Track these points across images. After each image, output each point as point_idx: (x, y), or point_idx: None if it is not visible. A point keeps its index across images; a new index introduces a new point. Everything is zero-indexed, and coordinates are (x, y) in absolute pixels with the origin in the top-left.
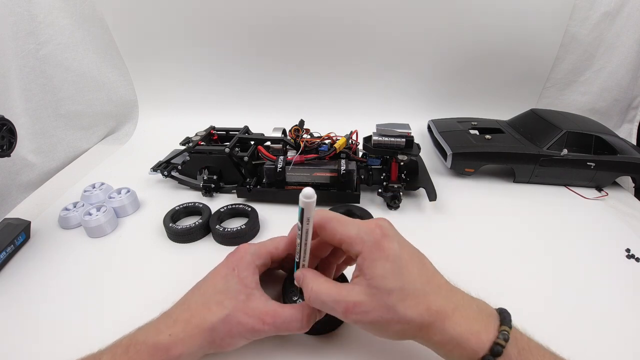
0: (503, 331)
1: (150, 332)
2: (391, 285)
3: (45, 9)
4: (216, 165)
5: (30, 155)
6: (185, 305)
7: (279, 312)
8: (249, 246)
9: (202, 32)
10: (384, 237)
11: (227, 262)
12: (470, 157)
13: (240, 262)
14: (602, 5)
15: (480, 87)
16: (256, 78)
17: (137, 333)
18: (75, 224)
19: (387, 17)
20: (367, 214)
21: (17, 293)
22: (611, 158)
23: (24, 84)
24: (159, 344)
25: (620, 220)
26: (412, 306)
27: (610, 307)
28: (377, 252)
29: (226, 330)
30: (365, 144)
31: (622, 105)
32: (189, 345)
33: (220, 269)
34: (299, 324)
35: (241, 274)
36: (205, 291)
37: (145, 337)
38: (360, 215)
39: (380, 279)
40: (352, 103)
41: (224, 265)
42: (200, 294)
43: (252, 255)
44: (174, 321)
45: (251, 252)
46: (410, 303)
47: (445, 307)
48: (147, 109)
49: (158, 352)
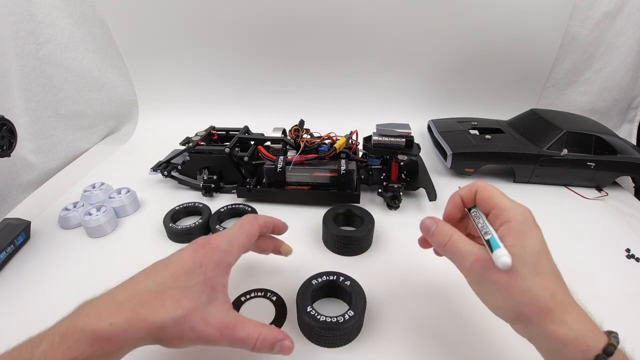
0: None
1: (90, 317)
2: (529, 258)
3: (45, 9)
4: (216, 165)
5: (30, 155)
6: (135, 290)
7: (238, 327)
8: (220, 240)
9: (202, 32)
10: (534, 222)
11: (194, 253)
12: (470, 157)
13: (210, 259)
14: (602, 5)
15: (480, 87)
16: (256, 78)
17: (76, 317)
18: (75, 224)
19: (387, 17)
20: (367, 214)
21: (17, 293)
22: (611, 158)
23: (24, 84)
24: (99, 333)
25: (620, 220)
26: (541, 284)
27: (611, 307)
28: (525, 226)
29: (176, 333)
30: (365, 144)
31: (622, 105)
32: (132, 337)
33: (185, 258)
34: (252, 345)
35: (208, 273)
36: (162, 279)
37: (84, 323)
38: (360, 215)
39: (522, 249)
40: (352, 103)
41: (189, 256)
42: (155, 281)
43: (224, 253)
44: (118, 306)
45: (223, 249)
46: (539, 281)
47: (568, 302)
48: (147, 109)
49: (97, 342)
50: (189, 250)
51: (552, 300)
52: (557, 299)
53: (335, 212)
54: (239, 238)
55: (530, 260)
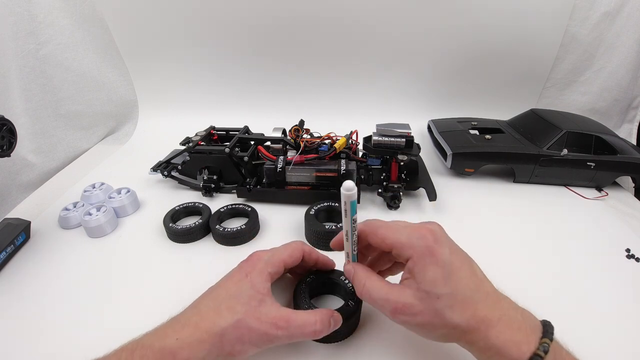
0: (544, 343)
1: (157, 336)
2: (440, 290)
3: (45, 9)
4: (216, 165)
5: (30, 155)
6: (196, 310)
7: (292, 317)
8: (263, 253)
9: (202, 32)
10: (436, 242)
11: (240, 268)
12: (470, 157)
13: (254, 268)
14: (602, 5)
15: (480, 87)
16: (256, 78)
17: (143, 337)
18: (75, 224)
19: (387, 17)
20: None
21: (17, 293)
22: (611, 158)
23: (24, 84)
24: (165, 348)
25: (620, 220)
26: (459, 312)
27: (610, 307)
28: (428, 258)
29: (237, 336)
30: (365, 144)
31: (622, 105)
32: (197, 350)
33: (233, 274)
34: (312, 328)
35: (254, 280)
36: (216, 296)
37: (151, 341)
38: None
39: (430, 284)
40: (352, 103)
41: (237, 271)
42: (211, 299)
43: (265, 263)
44: (182, 325)
45: (265, 260)
46: (457, 309)
47: (490, 315)
48: (147, 109)
49: (164, 356)
50: (236, 267)
51: (474, 320)
52: (479, 317)
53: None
54: (281, 253)
55: (443, 292)
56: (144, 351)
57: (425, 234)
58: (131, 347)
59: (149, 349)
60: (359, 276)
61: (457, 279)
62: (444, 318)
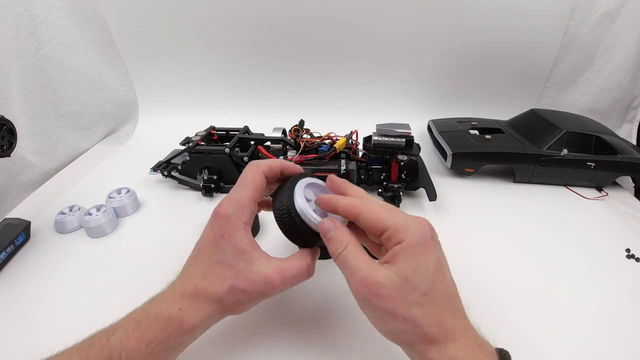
0: None
1: (160, 306)
2: (419, 284)
3: (45, 9)
4: (216, 165)
5: (30, 155)
6: (188, 278)
7: (284, 268)
8: (227, 205)
9: (202, 32)
10: (432, 238)
11: (212, 228)
12: (470, 157)
13: (226, 227)
14: (602, 5)
15: (480, 87)
16: (256, 78)
17: (147, 307)
18: (71, 228)
19: (387, 17)
20: None
21: (17, 293)
22: (611, 158)
23: (24, 84)
24: (172, 317)
25: (620, 220)
26: (427, 314)
27: (610, 307)
28: (420, 248)
29: (234, 300)
30: (365, 144)
31: (622, 105)
32: (200, 316)
33: (209, 235)
34: (305, 271)
35: (232, 240)
36: (203, 262)
37: (156, 311)
38: None
39: (412, 273)
40: (352, 103)
41: (210, 232)
42: (199, 265)
43: (234, 216)
44: (180, 295)
45: (232, 213)
46: (426, 310)
47: (455, 329)
48: (147, 109)
49: (171, 324)
50: (208, 227)
51: (437, 328)
52: (444, 326)
53: None
54: (245, 196)
55: (420, 286)
56: (150, 321)
57: (424, 225)
58: (137, 317)
59: (155, 319)
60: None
61: (438, 281)
62: (410, 312)
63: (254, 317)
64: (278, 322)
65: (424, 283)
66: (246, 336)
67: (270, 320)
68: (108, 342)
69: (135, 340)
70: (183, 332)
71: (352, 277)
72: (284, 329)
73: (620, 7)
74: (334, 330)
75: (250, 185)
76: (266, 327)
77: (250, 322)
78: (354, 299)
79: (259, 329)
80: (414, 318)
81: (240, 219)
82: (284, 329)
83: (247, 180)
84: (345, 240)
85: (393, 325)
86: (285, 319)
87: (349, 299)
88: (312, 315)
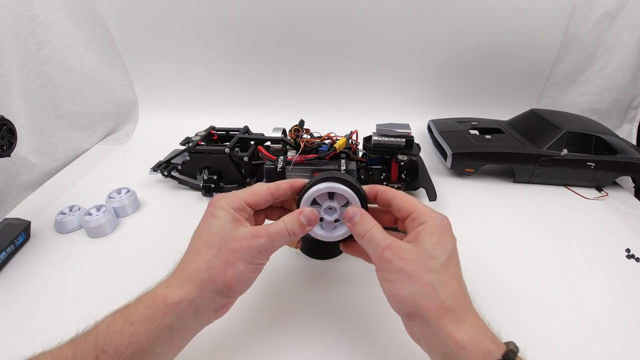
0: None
1: (150, 289)
2: (438, 254)
3: (45, 9)
4: (216, 165)
5: (30, 155)
6: (180, 262)
7: (267, 226)
8: (221, 195)
9: (203, 32)
10: (451, 229)
11: (204, 214)
12: (470, 157)
13: (216, 206)
14: (602, 5)
15: (480, 87)
16: (256, 78)
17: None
18: (71, 228)
19: (387, 17)
20: None
21: (17, 293)
22: (611, 158)
23: (24, 84)
24: (157, 294)
25: (620, 220)
26: (444, 282)
27: (610, 307)
28: (441, 230)
29: (223, 261)
30: (365, 144)
31: (622, 105)
32: (186, 290)
33: (201, 221)
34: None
35: (221, 215)
36: (193, 244)
37: (144, 293)
38: None
39: (432, 246)
40: (352, 103)
41: (203, 218)
42: (190, 248)
43: (224, 199)
44: (170, 276)
45: (223, 197)
46: (443, 278)
47: (467, 307)
48: (147, 109)
49: (155, 302)
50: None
51: (453, 299)
52: (458, 299)
53: None
54: (240, 193)
55: (439, 257)
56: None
57: (445, 217)
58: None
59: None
60: (366, 220)
61: (453, 261)
62: (429, 276)
63: (253, 317)
64: (278, 322)
65: (442, 256)
66: (245, 337)
67: (270, 320)
68: (96, 327)
69: (121, 322)
70: (167, 310)
71: (378, 246)
72: (284, 329)
73: (620, 7)
74: (334, 330)
75: (248, 190)
76: (266, 327)
77: (250, 322)
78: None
79: (260, 329)
80: (432, 282)
81: (228, 204)
82: (284, 328)
83: (248, 188)
84: (371, 222)
85: (411, 288)
86: (285, 319)
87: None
88: (312, 315)
